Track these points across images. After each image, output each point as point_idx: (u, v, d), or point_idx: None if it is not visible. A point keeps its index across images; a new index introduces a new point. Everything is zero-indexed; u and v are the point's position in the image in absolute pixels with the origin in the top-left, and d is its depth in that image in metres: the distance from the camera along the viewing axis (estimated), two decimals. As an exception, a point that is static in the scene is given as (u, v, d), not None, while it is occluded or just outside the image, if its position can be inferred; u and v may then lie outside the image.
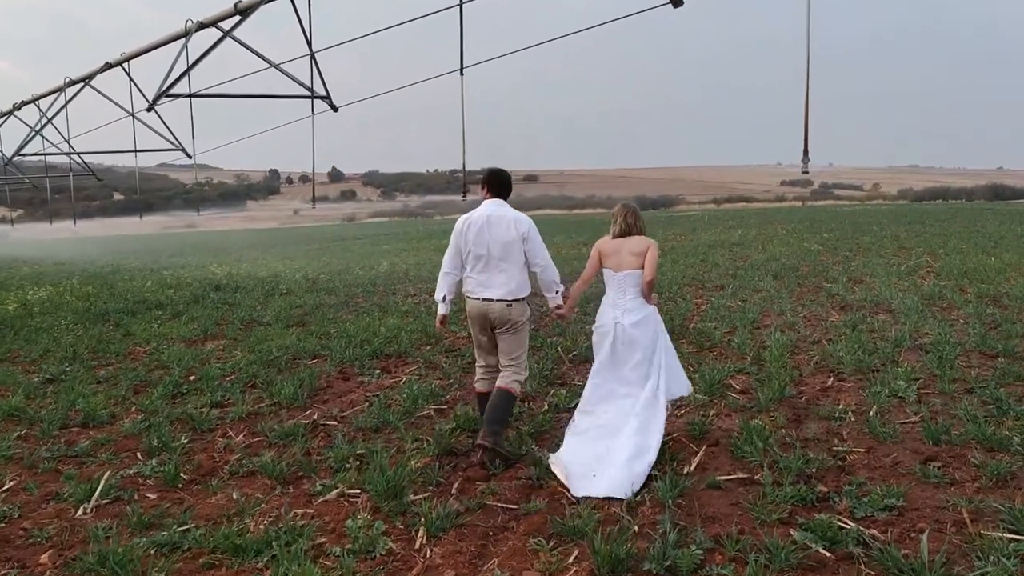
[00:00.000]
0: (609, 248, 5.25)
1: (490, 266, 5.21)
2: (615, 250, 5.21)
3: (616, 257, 5.19)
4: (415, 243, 31.63)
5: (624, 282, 5.14)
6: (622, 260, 5.15)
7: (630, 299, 5.12)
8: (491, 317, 5.27)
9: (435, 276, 15.20)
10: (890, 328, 8.79)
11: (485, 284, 5.24)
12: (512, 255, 5.18)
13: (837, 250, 19.25)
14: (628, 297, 5.13)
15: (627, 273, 5.12)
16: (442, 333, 8.94)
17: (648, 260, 5.07)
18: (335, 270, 19.70)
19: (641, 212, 5.43)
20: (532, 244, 5.20)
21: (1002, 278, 12.53)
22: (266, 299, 13.90)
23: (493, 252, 5.17)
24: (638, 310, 5.11)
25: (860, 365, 7.08)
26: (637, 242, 5.17)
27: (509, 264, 5.18)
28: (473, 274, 5.31)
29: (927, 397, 6.11)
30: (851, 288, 12.16)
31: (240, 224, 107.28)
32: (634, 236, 5.21)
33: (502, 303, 5.19)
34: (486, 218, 5.23)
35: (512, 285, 5.19)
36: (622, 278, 5.14)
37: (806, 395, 6.36)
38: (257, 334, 10.16)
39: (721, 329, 9.20)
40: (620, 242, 5.20)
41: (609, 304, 5.21)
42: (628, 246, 5.16)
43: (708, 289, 13.00)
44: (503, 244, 5.16)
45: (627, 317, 5.08)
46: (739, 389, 6.58)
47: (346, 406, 6.60)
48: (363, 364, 8.13)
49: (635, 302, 5.12)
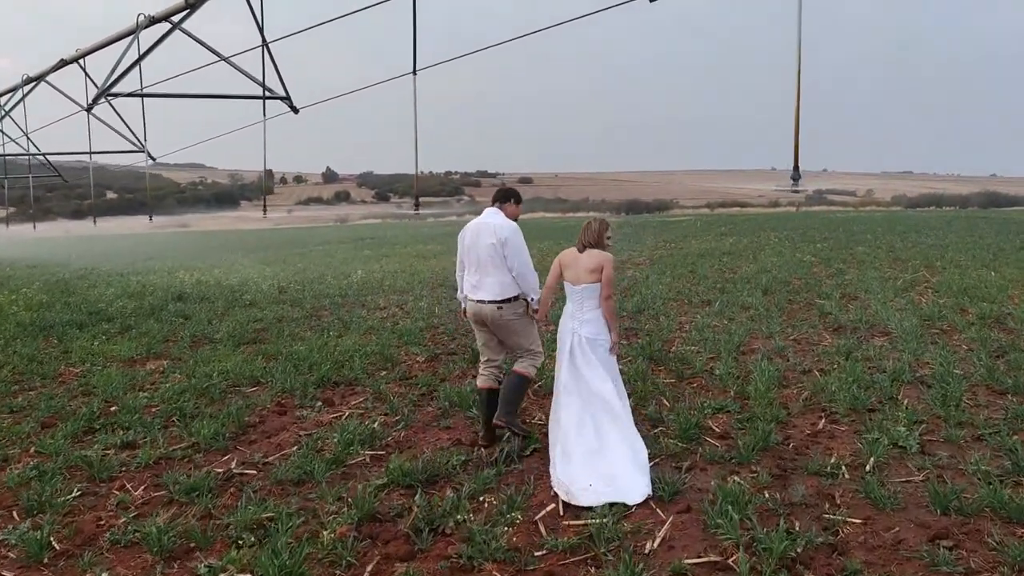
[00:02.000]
0: (568, 260, 5.40)
1: (481, 270, 5.56)
2: (572, 263, 5.35)
3: (573, 270, 5.32)
4: (399, 248, 30.80)
5: (581, 295, 5.28)
6: (579, 274, 5.27)
7: (588, 311, 5.26)
8: (485, 318, 5.62)
9: (410, 287, 14.43)
10: (887, 356, 8.04)
11: (477, 286, 5.60)
12: (496, 260, 5.48)
13: (830, 262, 18.51)
14: (586, 309, 5.26)
15: (584, 287, 5.25)
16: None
17: (604, 279, 5.22)
18: (309, 277, 18.88)
19: (596, 223, 5.49)
20: (509, 249, 5.46)
21: (1004, 296, 11.80)
22: (226, 311, 13.09)
23: (482, 257, 5.54)
24: (595, 322, 5.26)
25: (855, 403, 6.32)
26: (592, 258, 5.28)
27: (495, 268, 5.50)
28: (468, 277, 5.71)
29: (931, 446, 5.36)
30: (845, 306, 11.43)
31: (232, 225, 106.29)
32: (591, 251, 5.33)
33: (493, 304, 5.53)
34: (477, 225, 5.66)
35: (499, 288, 5.50)
36: (579, 291, 5.28)
37: (794, 441, 5.60)
38: (203, 354, 9.36)
39: (703, 355, 8.45)
40: (577, 256, 5.35)
41: (568, 315, 5.36)
42: (583, 261, 5.28)
43: (694, 305, 12.25)
44: (487, 248, 5.49)
45: (584, 328, 5.23)
46: (718, 433, 5.82)
47: (272, 449, 5.81)
48: (305, 394, 7.34)
49: (593, 314, 5.26)
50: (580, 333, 5.23)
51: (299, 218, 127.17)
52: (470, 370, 8.13)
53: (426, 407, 6.82)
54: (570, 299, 5.39)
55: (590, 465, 4.84)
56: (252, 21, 10.84)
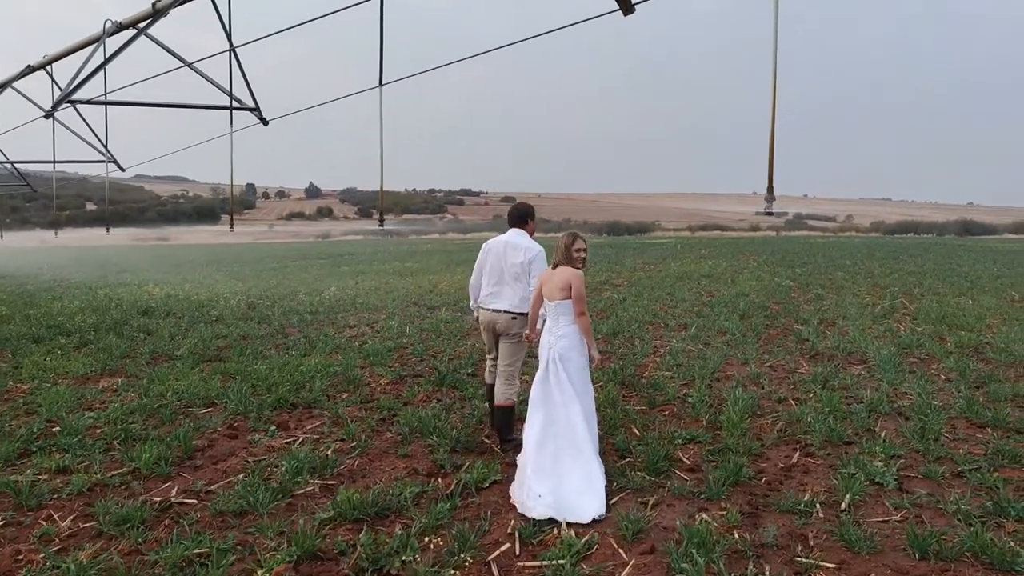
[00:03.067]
0: (545, 277, 5.55)
1: (502, 283, 6.10)
2: (548, 280, 5.47)
3: (548, 287, 5.43)
4: (376, 265, 30.46)
5: (556, 311, 5.36)
6: (552, 291, 5.37)
7: (563, 326, 5.33)
8: (498, 326, 6.11)
9: (383, 305, 14.11)
10: (865, 385, 7.83)
11: (497, 296, 6.12)
12: (521, 276, 6.03)
13: (809, 287, 18.41)
14: (561, 324, 5.34)
15: (557, 303, 5.34)
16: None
17: (574, 296, 5.29)
18: (281, 294, 18.52)
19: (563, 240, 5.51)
20: (535, 267, 5.98)
21: (982, 325, 11.68)
22: (190, 327, 12.71)
23: (506, 272, 6.08)
24: (570, 337, 5.31)
25: (831, 435, 6.08)
26: (562, 275, 5.36)
27: (517, 283, 6.05)
28: (488, 288, 6.20)
29: (909, 483, 5.12)
30: (822, 332, 11.24)
31: (213, 239, 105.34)
32: (562, 268, 5.40)
33: (508, 314, 6.05)
34: (504, 244, 6.14)
35: (517, 300, 6.04)
36: (553, 307, 5.37)
37: (767, 475, 5.34)
38: (160, 372, 8.98)
39: (677, 381, 8.20)
40: (551, 273, 5.46)
41: (547, 330, 5.46)
42: (556, 278, 5.38)
43: (670, 328, 12.02)
44: (515, 266, 6.03)
45: (559, 343, 5.28)
46: (688, 465, 5.54)
47: (217, 477, 5.47)
48: (260, 416, 6.99)
49: (568, 329, 5.32)
50: (555, 348, 5.27)
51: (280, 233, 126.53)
52: (435, 393, 7.84)
53: (385, 432, 6.51)
54: (548, 315, 5.47)
55: (540, 480, 4.88)
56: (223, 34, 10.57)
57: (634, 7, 5.70)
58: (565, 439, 5.06)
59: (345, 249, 53.80)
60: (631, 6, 5.70)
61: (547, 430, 5.11)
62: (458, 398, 7.62)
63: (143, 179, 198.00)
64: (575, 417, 5.09)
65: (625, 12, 5.82)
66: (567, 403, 5.14)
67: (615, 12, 5.85)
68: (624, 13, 5.81)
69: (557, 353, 5.25)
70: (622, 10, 5.81)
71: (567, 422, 5.10)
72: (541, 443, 5.07)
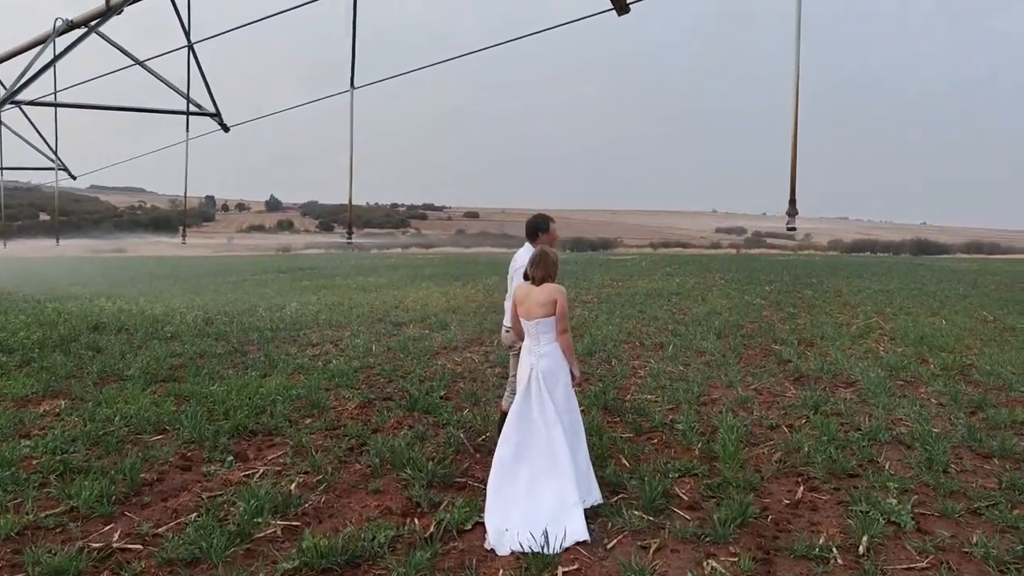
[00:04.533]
0: (520, 295, 5.21)
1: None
2: (524, 298, 5.16)
3: (526, 305, 5.13)
4: (339, 280, 29.74)
5: (536, 330, 5.07)
6: (531, 309, 5.07)
7: (544, 345, 5.05)
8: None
9: (348, 321, 13.54)
10: (858, 411, 7.50)
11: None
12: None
13: (780, 305, 18.21)
14: (542, 343, 5.06)
15: (538, 321, 5.05)
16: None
17: (559, 313, 5.02)
18: (240, 309, 17.79)
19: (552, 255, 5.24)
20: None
21: (962, 346, 11.49)
22: (143, 344, 12.01)
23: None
24: (552, 356, 5.04)
25: (834, 467, 5.70)
26: (543, 292, 5.07)
27: None
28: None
29: (927, 522, 4.74)
30: (803, 353, 10.94)
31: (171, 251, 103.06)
32: (542, 285, 5.10)
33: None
34: (516, 261, 5.74)
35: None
36: (534, 326, 5.08)
37: (773, 513, 4.92)
38: (108, 394, 8.32)
39: (662, 405, 7.79)
40: (528, 290, 5.15)
41: (526, 351, 5.15)
42: (536, 295, 5.08)
43: (646, 348, 11.64)
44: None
45: (542, 363, 5.00)
46: (687, 502, 5.11)
47: (166, 517, 4.89)
48: (216, 445, 6.41)
49: (549, 347, 5.05)
50: (538, 368, 4.98)
51: (240, 247, 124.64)
52: (406, 419, 7.32)
53: (353, 463, 5.97)
54: (527, 334, 5.17)
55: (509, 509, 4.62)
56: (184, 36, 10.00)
57: (629, 7, 5.31)
58: (544, 461, 4.79)
59: (306, 263, 52.77)
60: (626, 5, 5.31)
61: (523, 454, 4.84)
62: (432, 424, 7.11)
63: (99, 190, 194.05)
64: (557, 439, 4.81)
65: (620, 12, 5.43)
66: (549, 425, 4.86)
67: (609, 11, 5.45)
68: (619, 13, 5.43)
69: (540, 373, 4.98)
70: (616, 10, 5.42)
71: (547, 445, 4.82)
72: (514, 470, 4.81)
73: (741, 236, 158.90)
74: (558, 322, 5.02)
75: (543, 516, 4.53)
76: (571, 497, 4.62)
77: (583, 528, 4.48)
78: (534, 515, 4.54)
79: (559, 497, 4.66)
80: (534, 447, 4.86)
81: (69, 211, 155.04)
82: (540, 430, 4.87)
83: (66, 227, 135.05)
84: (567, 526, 4.48)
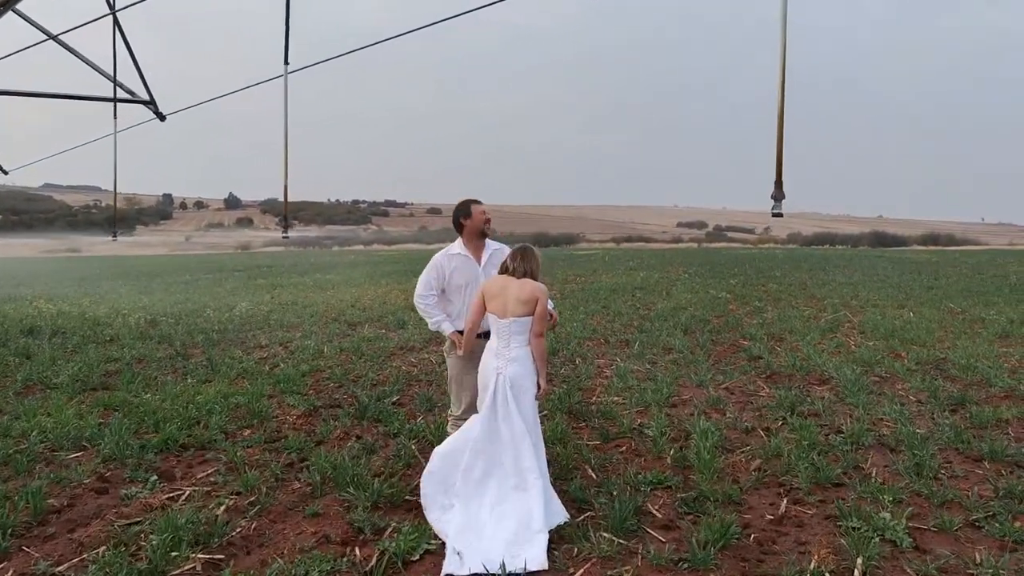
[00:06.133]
0: (494, 289, 4.64)
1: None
2: (500, 292, 4.59)
3: (500, 300, 4.56)
4: (295, 278, 28.87)
5: (509, 330, 4.53)
6: (507, 306, 4.52)
7: (515, 348, 4.54)
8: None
9: (300, 321, 12.84)
10: (836, 410, 7.09)
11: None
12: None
13: (746, 298, 17.88)
14: (513, 346, 4.54)
15: (512, 320, 4.51)
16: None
17: (538, 314, 4.49)
18: (188, 309, 16.98)
19: (538, 252, 4.74)
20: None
21: (933, 339, 11.19)
22: (78, 349, 11.24)
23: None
24: (523, 361, 4.53)
25: (817, 476, 5.25)
26: (525, 288, 4.52)
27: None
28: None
29: (924, 538, 4.30)
30: (773, 348, 10.55)
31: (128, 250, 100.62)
32: (523, 280, 4.57)
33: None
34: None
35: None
36: (507, 325, 4.53)
37: (754, 530, 4.44)
38: (29, 405, 7.61)
39: (630, 408, 7.31)
40: (505, 284, 4.59)
41: (492, 353, 4.61)
42: (515, 291, 4.53)
43: (612, 345, 11.17)
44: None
45: (511, 368, 4.49)
46: (661, 521, 4.60)
47: (70, 552, 4.26)
48: (140, 462, 5.77)
49: (521, 351, 4.54)
50: (505, 374, 4.50)
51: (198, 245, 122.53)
52: (354, 428, 6.74)
53: (292, 482, 5.38)
54: (495, 334, 4.64)
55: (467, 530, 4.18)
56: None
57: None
58: (512, 479, 4.38)
59: (264, 261, 51.58)
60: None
61: (491, 473, 4.42)
62: (381, 434, 6.54)
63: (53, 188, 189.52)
64: (525, 454, 4.39)
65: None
66: (516, 439, 4.43)
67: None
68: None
69: (508, 380, 4.48)
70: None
71: (515, 462, 4.40)
72: (480, 495, 4.39)
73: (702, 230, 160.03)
74: (536, 322, 4.52)
75: (500, 542, 4.07)
76: (536, 523, 4.13)
77: (543, 556, 3.98)
78: (492, 540, 4.08)
79: (523, 521, 4.19)
80: (504, 464, 4.44)
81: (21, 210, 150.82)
82: (508, 448, 4.44)
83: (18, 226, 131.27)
84: (526, 553, 3.98)
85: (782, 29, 4.56)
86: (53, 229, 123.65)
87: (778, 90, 4.27)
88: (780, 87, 4.31)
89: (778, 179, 4.16)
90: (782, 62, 4.28)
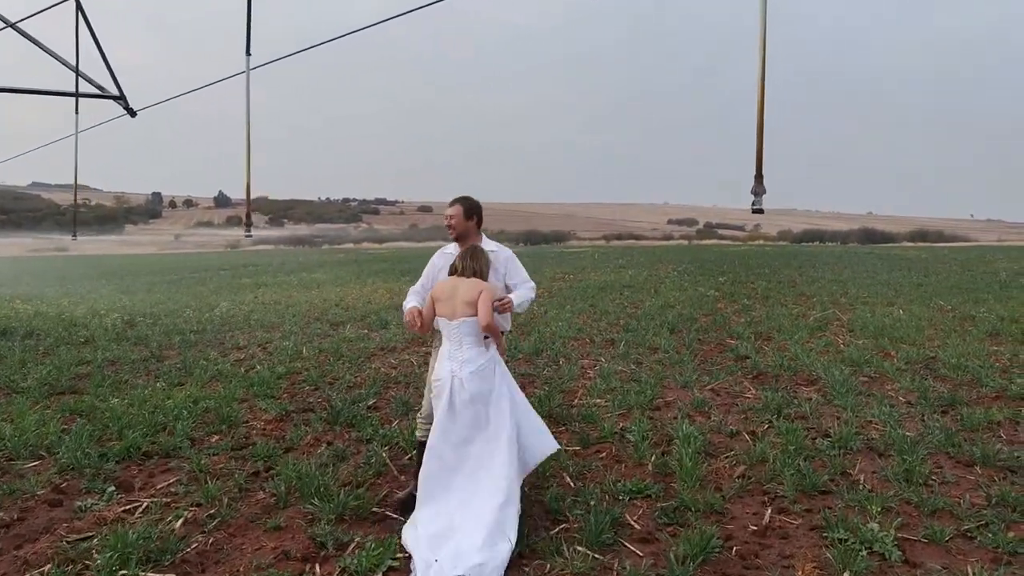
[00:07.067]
0: (443, 292, 4.51)
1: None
2: (448, 295, 4.47)
3: (449, 303, 4.45)
4: (281, 277, 28.57)
5: (459, 331, 4.40)
6: (455, 308, 4.41)
7: (467, 349, 4.39)
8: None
9: (281, 321, 12.58)
10: (824, 412, 6.89)
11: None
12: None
13: (734, 296, 17.70)
14: (465, 347, 4.39)
15: (462, 321, 4.39)
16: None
17: (480, 307, 4.31)
18: (168, 309, 16.70)
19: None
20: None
21: (923, 338, 11.02)
22: (50, 351, 10.96)
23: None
24: (476, 359, 4.37)
25: (803, 483, 5.04)
26: (469, 288, 4.41)
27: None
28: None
29: (913, 550, 4.09)
30: (760, 348, 10.36)
31: (116, 249, 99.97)
32: (471, 280, 4.46)
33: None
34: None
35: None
36: (456, 327, 4.41)
37: (736, 542, 4.23)
38: (-8, 410, 7.36)
39: (612, 411, 7.09)
40: (453, 286, 4.48)
41: (446, 356, 4.46)
42: (461, 292, 4.42)
43: (597, 345, 10.96)
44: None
45: (464, 369, 4.33)
46: (639, 533, 4.39)
47: (13, 570, 4.01)
48: (99, 472, 5.52)
49: (473, 351, 4.39)
50: (460, 375, 4.32)
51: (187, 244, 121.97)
52: (326, 434, 6.50)
53: (256, 492, 5.14)
54: (447, 338, 4.48)
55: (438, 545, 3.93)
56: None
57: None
58: (487, 482, 4.16)
59: (252, 259, 51.19)
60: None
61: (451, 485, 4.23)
62: (353, 440, 6.30)
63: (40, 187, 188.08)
64: (499, 456, 4.20)
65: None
66: (489, 440, 4.26)
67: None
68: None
69: (467, 389, 4.30)
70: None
71: (488, 467, 4.20)
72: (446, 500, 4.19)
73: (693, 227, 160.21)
74: (481, 319, 4.30)
75: (472, 546, 3.85)
76: (500, 538, 3.90)
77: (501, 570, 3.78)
78: (461, 543, 3.89)
79: (492, 530, 3.96)
80: (458, 471, 4.22)
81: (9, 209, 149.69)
82: (470, 452, 4.23)
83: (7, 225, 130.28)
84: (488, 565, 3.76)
85: (761, 22, 4.37)
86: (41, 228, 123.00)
87: (758, 84, 4.09)
88: (760, 80, 4.12)
89: (758, 173, 3.97)
90: (762, 55, 4.09)
